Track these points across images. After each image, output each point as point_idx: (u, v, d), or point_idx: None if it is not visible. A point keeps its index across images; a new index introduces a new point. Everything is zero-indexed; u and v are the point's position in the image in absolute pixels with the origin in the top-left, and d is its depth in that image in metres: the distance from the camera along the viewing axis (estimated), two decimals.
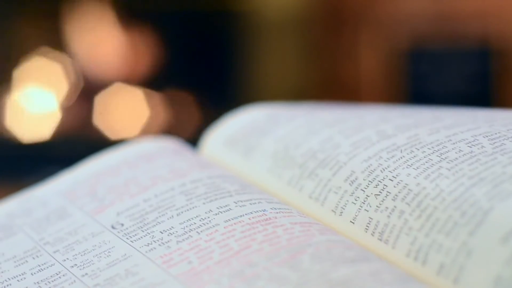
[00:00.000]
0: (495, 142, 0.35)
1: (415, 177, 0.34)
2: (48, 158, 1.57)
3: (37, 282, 0.34)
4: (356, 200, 0.36)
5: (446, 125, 0.38)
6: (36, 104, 1.65)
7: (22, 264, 0.36)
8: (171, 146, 0.45)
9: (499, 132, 0.36)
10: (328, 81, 1.76)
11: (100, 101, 1.66)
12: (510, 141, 0.35)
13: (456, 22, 1.65)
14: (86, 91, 1.66)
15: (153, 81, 1.70)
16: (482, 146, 0.35)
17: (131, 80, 1.69)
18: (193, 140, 0.50)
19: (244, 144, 0.44)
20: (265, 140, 0.43)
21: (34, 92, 1.65)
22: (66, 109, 1.65)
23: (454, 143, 0.36)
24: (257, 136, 0.44)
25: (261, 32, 1.70)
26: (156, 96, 1.69)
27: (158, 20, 1.71)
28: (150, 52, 1.70)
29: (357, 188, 0.36)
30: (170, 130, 1.64)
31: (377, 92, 1.70)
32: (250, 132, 0.45)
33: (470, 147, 0.35)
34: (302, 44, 1.73)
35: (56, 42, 1.66)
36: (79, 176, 0.43)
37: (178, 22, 1.70)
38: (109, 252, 0.35)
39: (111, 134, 1.65)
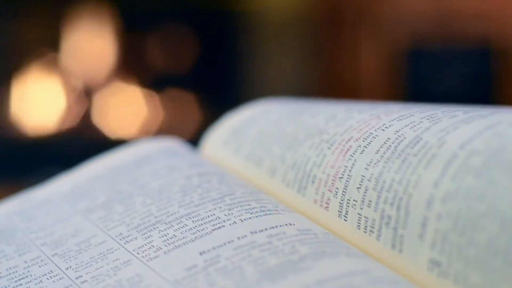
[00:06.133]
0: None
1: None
2: (48, 157, 1.57)
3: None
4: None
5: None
6: (36, 104, 1.65)
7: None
8: (171, 147, 0.45)
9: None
10: (328, 81, 1.76)
11: (100, 100, 1.66)
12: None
13: (456, 22, 1.65)
14: (86, 90, 1.66)
15: (153, 81, 1.70)
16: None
17: (130, 79, 1.68)
18: (194, 139, 0.50)
19: (240, 142, 0.44)
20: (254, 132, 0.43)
21: (33, 91, 1.65)
22: (66, 108, 1.65)
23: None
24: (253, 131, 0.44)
25: (261, 32, 1.70)
26: (156, 96, 1.68)
27: (159, 19, 1.71)
28: (150, 52, 1.70)
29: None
30: (170, 129, 1.63)
31: (377, 92, 1.70)
32: (248, 128, 0.44)
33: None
34: (302, 44, 1.73)
35: (55, 41, 1.66)
36: (80, 179, 0.43)
37: (178, 21, 1.70)
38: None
39: (110, 133, 1.65)
